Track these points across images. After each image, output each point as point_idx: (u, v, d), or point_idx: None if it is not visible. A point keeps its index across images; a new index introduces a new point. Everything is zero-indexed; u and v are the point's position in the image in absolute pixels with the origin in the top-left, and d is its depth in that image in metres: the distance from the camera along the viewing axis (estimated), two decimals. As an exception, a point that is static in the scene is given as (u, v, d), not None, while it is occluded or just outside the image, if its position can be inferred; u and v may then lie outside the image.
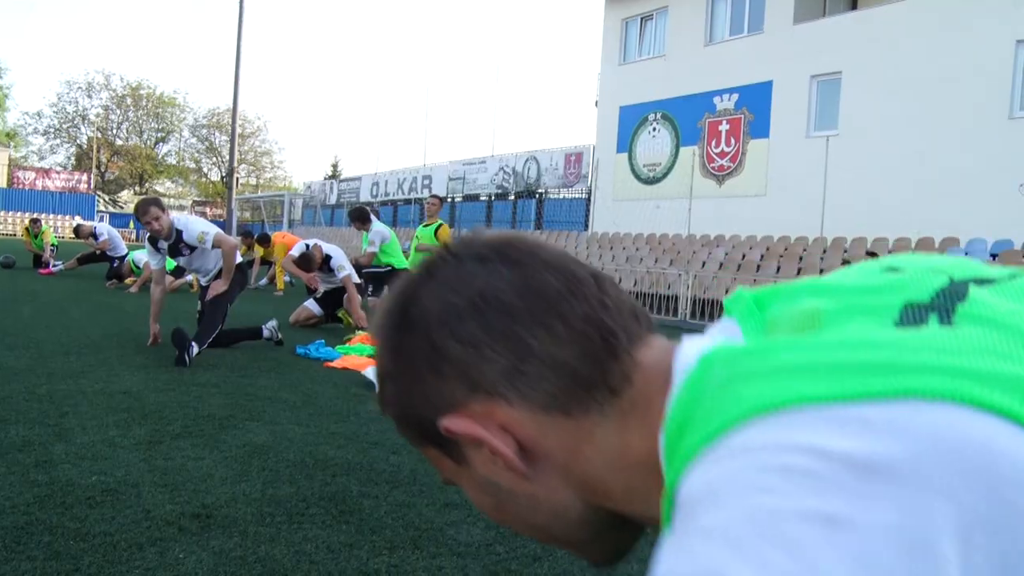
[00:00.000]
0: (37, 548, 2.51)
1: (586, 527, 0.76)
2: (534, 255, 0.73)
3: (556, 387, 0.69)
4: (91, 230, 15.54)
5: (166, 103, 58.89)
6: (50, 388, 4.86)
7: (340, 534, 2.79)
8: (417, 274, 0.75)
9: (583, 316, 0.69)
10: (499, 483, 0.73)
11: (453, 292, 0.71)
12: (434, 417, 0.71)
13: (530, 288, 0.70)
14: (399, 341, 0.73)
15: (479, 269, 0.72)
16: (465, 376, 0.70)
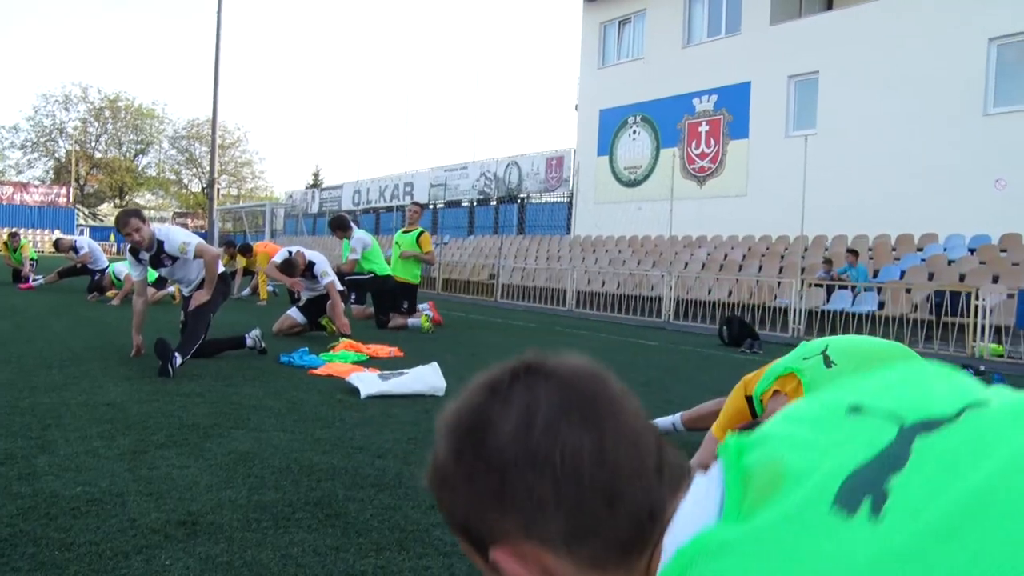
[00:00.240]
0: (21, 559, 2.50)
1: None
2: (616, 418, 0.80)
3: (603, 551, 0.78)
4: (71, 244, 15.48)
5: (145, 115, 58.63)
6: (32, 401, 4.84)
7: (326, 537, 2.80)
8: (496, 391, 0.83)
9: (643, 493, 0.78)
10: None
11: (532, 438, 0.78)
12: (484, 537, 0.81)
13: (606, 461, 0.77)
14: (472, 466, 0.80)
15: (562, 422, 0.78)
16: (525, 523, 0.78)
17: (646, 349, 10.23)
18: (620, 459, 0.78)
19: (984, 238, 14.89)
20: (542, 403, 0.80)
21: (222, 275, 6.92)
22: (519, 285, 19.97)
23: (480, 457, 0.79)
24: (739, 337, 10.90)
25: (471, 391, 0.86)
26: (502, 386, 0.83)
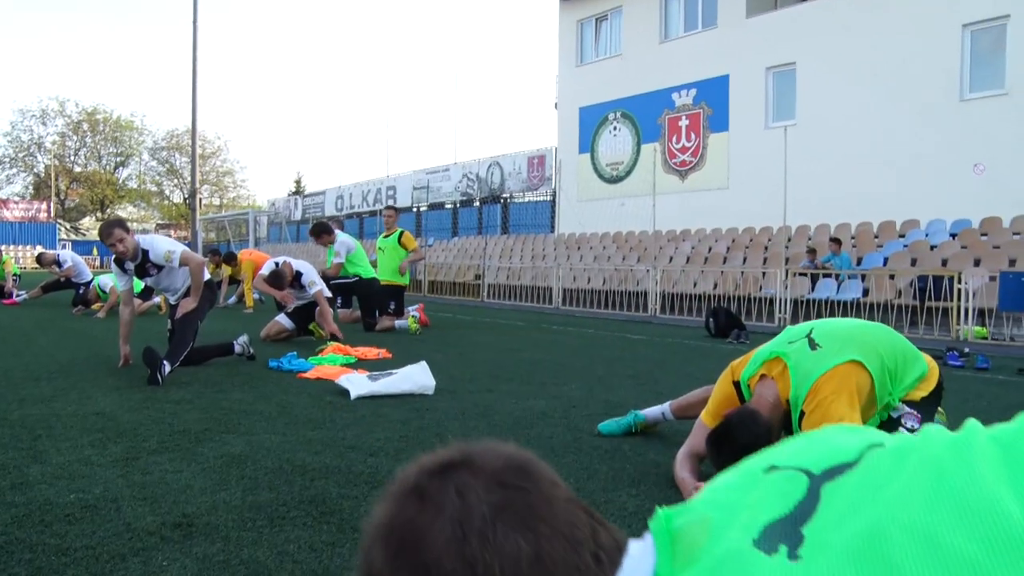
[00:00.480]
0: (19, 565, 2.51)
1: None
2: (550, 515, 0.80)
3: None
4: (54, 258, 15.40)
5: (123, 127, 58.34)
6: (22, 413, 4.84)
7: (322, 534, 2.82)
8: (424, 497, 0.81)
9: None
10: None
11: (469, 548, 0.77)
12: None
13: (544, 563, 0.77)
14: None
15: (496, 528, 0.78)
16: None
17: (633, 343, 10.27)
18: (557, 558, 0.78)
19: (965, 222, 15.01)
20: (474, 509, 0.79)
21: (208, 282, 6.92)
22: (505, 284, 20.00)
23: (417, 571, 0.78)
24: (726, 328, 10.95)
25: (399, 498, 0.84)
26: (431, 491, 0.82)
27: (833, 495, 0.78)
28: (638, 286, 16.71)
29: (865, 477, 0.79)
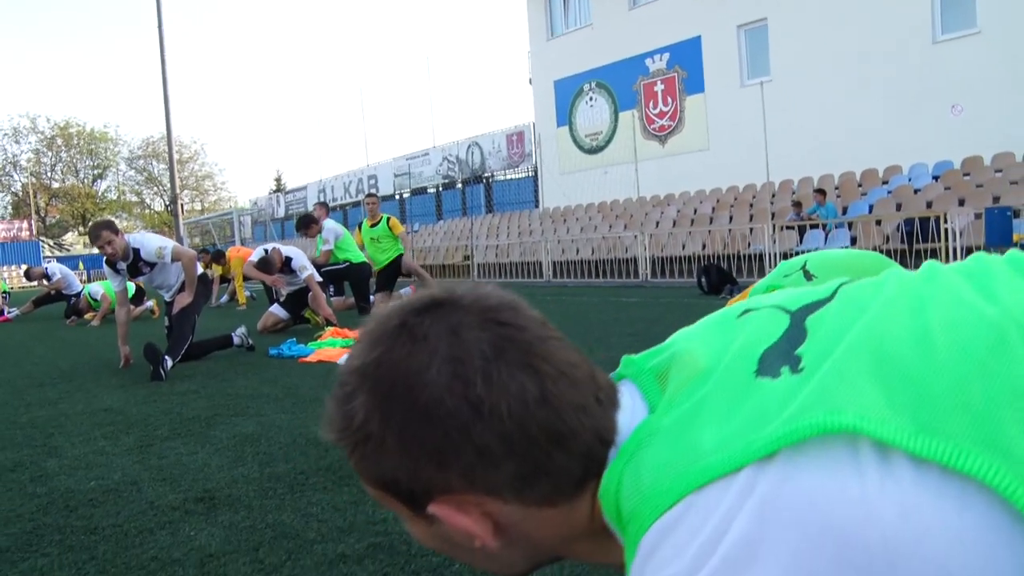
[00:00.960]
0: (50, 546, 2.55)
1: (527, 571, 0.88)
2: (549, 354, 0.76)
3: (556, 488, 0.76)
4: (43, 271, 15.34)
5: (98, 138, 57.85)
6: (31, 416, 4.86)
7: (343, 495, 2.87)
8: (414, 336, 0.75)
9: (590, 424, 0.75)
10: (460, 543, 0.81)
11: (472, 389, 0.72)
12: (417, 493, 0.76)
13: (550, 403, 0.73)
14: (404, 425, 0.73)
15: (498, 367, 0.73)
16: (468, 475, 0.74)
17: (627, 306, 10.34)
18: (563, 397, 0.74)
19: (947, 164, 15.11)
20: (472, 347, 0.74)
21: (202, 276, 6.94)
22: (494, 263, 20.04)
23: (415, 415, 0.73)
24: (718, 284, 11.04)
25: (382, 336, 0.77)
26: (421, 330, 0.76)
27: (818, 323, 0.78)
28: (627, 253, 16.77)
29: (845, 305, 0.80)
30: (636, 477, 0.72)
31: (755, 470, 0.65)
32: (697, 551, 0.64)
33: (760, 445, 0.65)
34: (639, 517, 0.70)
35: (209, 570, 2.26)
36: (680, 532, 0.66)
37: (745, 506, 0.63)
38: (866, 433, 0.63)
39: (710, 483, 0.66)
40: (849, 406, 0.65)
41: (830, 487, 0.62)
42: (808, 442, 0.64)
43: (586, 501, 0.79)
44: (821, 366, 0.71)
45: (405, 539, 2.39)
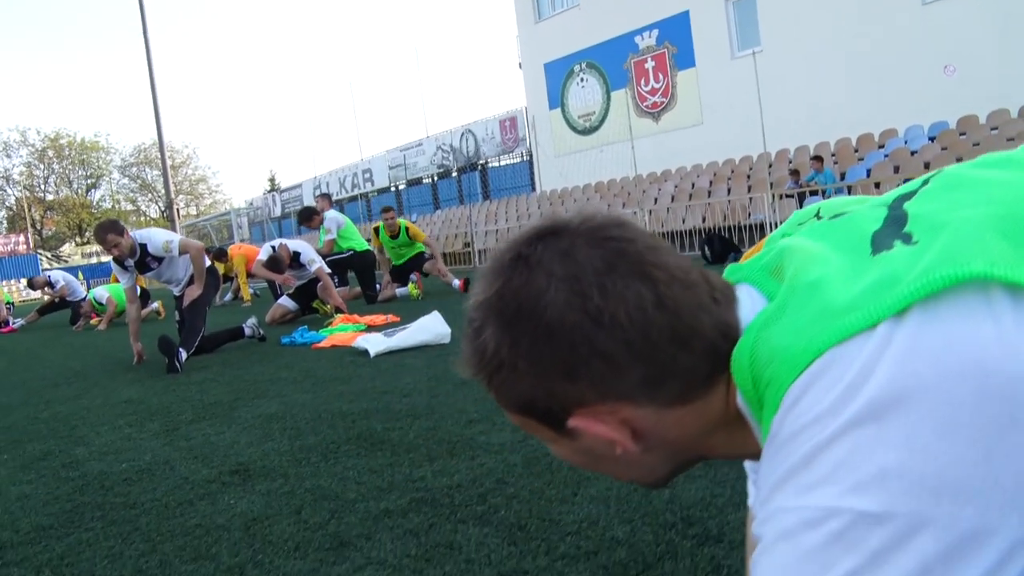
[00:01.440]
0: (92, 521, 2.57)
1: (669, 476, 0.90)
2: (660, 262, 0.78)
3: (685, 387, 0.79)
4: (46, 280, 15.33)
5: (89, 148, 57.67)
6: (52, 412, 4.88)
7: (377, 459, 2.89)
8: (530, 264, 0.78)
9: (710, 322, 0.77)
10: (604, 454, 0.84)
11: (590, 301, 0.75)
12: (555, 410, 0.80)
13: (667, 306, 0.75)
14: (533, 346, 0.77)
15: (612, 278, 0.76)
16: (599, 384, 0.77)
17: (633, 280, 10.34)
18: (679, 299, 0.76)
19: (942, 124, 15.09)
20: (584, 265, 0.77)
21: (210, 268, 6.95)
22: (495, 249, 20.01)
23: (540, 335, 0.76)
24: (722, 253, 11.07)
25: (500, 269, 0.81)
26: (535, 257, 0.79)
27: (918, 205, 0.79)
28: (627, 231, 16.74)
29: (943, 186, 0.81)
30: (770, 346, 0.73)
31: (891, 324, 0.66)
32: (840, 396, 0.65)
33: (893, 301, 0.66)
34: (778, 379, 0.71)
35: (255, 532, 2.28)
36: (823, 382, 0.67)
37: (885, 354, 0.64)
38: (997, 278, 0.65)
39: (848, 339, 0.67)
40: (977, 258, 0.66)
41: (966, 330, 0.64)
42: (940, 295, 0.65)
43: (718, 394, 0.80)
44: (937, 235, 0.72)
45: (447, 492, 2.41)
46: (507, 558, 1.88)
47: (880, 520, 0.61)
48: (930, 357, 0.63)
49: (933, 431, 0.61)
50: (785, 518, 0.66)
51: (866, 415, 0.63)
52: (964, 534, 0.60)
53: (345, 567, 1.94)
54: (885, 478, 0.61)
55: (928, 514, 0.60)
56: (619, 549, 1.85)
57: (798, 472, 0.66)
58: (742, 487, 2.14)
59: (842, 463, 0.63)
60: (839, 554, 0.62)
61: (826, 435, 0.65)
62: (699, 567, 1.72)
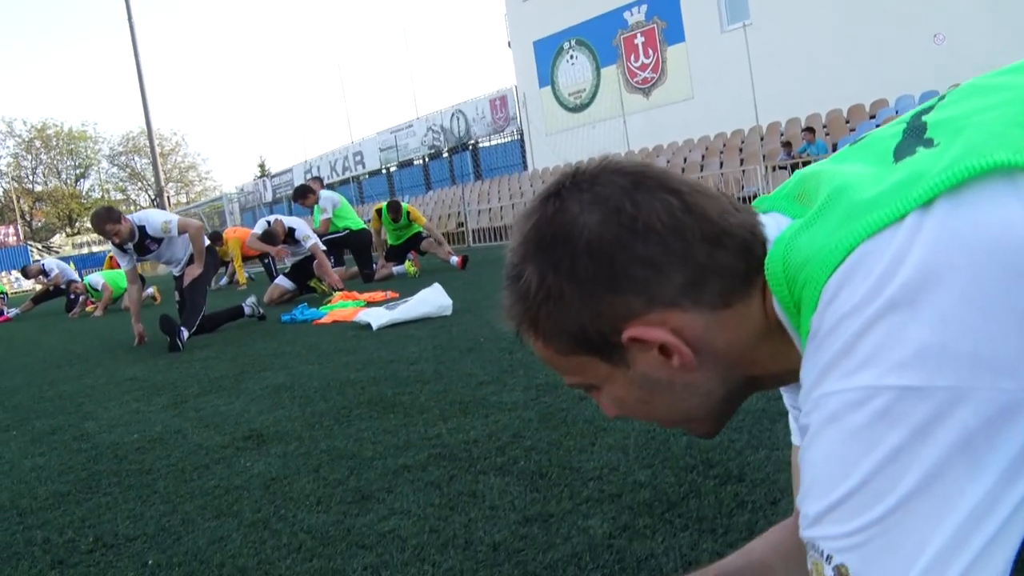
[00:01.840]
0: (110, 487, 2.58)
1: (723, 404, 0.90)
2: (681, 181, 0.82)
3: (726, 287, 0.81)
4: (40, 268, 15.28)
5: (77, 137, 57.30)
6: (56, 391, 4.87)
7: (391, 420, 2.90)
8: (560, 196, 0.83)
9: (737, 222, 0.81)
10: (660, 378, 0.85)
11: (623, 215, 0.79)
12: (606, 330, 0.81)
13: (695, 212, 0.80)
14: (575, 267, 0.80)
15: (640, 194, 0.80)
16: (644, 292, 0.79)
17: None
18: (704, 206, 0.80)
19: (932, 93, 15.07)
20: (612, 187, 0.81)
21: (209, 247, 6.94)
22: (488, 227, 20.03)
23: (581, 253, 0.79)
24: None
25: (531, 210, 0.85)
26: (567, 191, 0.83)
27: (938, 114, 0.80)
28: (621, 206, 16.73)
29: (962, 95, 0.82)
30: (802, 250, 0.75)
31: (919, 214, 0.67)
32: (874, 284, 0.66)
33: (919, 194, 0.68)
34: (813, 279, 0.72)
35: (275, 490, 2.29)
36: (857, 275, 0.68)
37: (916, 241, 0.66)
38: (1020, 165, 0.66)
39: (878, 232, 0.69)
40: (1001, 148, 0.68)
41: (993, 212, 0.65)
42: (965, 184, 0.67)
43: (756, 300, 0.82)
44: (959, 135, 0.73)
45: (465, 447, 2.42)
46: (531, 503, 1.89)
47: (922, 394, 0.63)
48: (959, 240, 0.65)
49: (967, 308, 0.63)
50: (829, 402, 0.68)
51: (901, 299, 0.65)
52: (1003, 405, 0.61)
53: (370, 517, 1.95)
54: (924, 355, 0.63)
55: (968, 387, 0.62)
56: (642, 491, 1.86)
57: (840, 360, 0.67)
58: (759, 432, 2.16)
59: (881, 345, 0.65)
60: (884, 430, 0.64)
61: (863, 321, 0.66)
62: (723, 503, 1.73)
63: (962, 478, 0.62)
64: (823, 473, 0.68)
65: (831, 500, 0.67)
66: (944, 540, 0.62)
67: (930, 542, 0.62)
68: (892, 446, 0.63)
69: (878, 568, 0.64)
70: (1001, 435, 0.62)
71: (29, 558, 2.03)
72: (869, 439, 0.64)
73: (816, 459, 0.69)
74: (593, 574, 1.49)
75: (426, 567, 1.62)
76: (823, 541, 0.67)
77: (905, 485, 0.63)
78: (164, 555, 1.91)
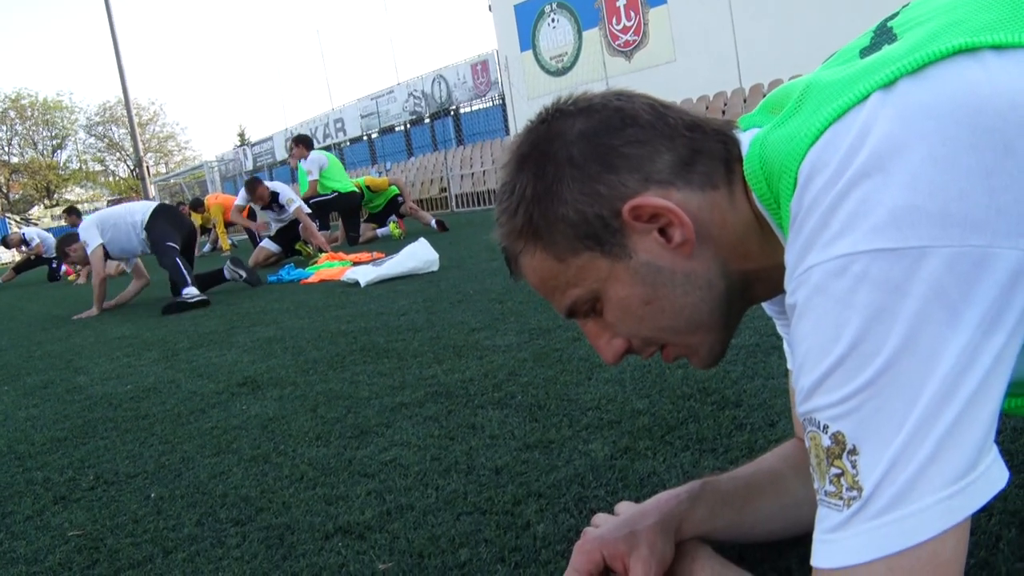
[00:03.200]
0: (106, 431, 2.58)
1: (723, 305, 0.91)
2: (660, 99, 0.92)
3: (711, 169, 0.86)
4: (20, 238, 15.16)
5: (52, 108, 56.46)
6: (45, 350, 4.86)
7: (385, 364, 2.91)
8: (544, 118, 0.91)
9: (716, 120, 0.90)
10: (661, 266, 0.87)
11: (608, 108, 0.87)
12: (607, 212, 0.85)
13: (671, 107, 0.89)
14: (569, 156, 0.86)
15: (620, 98, 0.89)
16: (639, 170, 0.85)
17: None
18: (681, 109, 0.89)
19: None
20: (596, 98, 0.90)
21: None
22: (471, 192, 19.98)
23: (574, 142, 0.86)
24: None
25: (520, 137, 0.93)
26: (547, 114, 0.91)
27: (902, 17, 0.82)
28: (605, 169, 16.71)
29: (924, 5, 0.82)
30: (775, 144, 0.78)
31: (882, 93, 0.70)
32: (843, 158, 0.69)
33: (882, 77, 0.70)
34: (788, 168, 0.75)
35: (273, 429, 2.30)
36: (827, 152, 0.71)
37: (880, 114, 0.68)
38: (983, 45, 0.68)
39: (844, 114, 0.71)
40: (962, 35, 0.70)
41: (956, 80, 0.68)
42: (927, 66, 0.69)
43: (740, 191, 0.87)
44: (923, 27, 0.75)
45: (461, 386, 2.44)
46: (531, 432, 1.91)
47: (898, 255, 0.64)
48: (923, 107, 0.67)
49: (935, 168, 0.65)
50: (812, 275, 0.70)
51: (871, 166, 0.67)
52: (974, 260, 0.63)
53: (370, 449, 1.97)
54: (897, 217, 0.65)
55: (938, 243, 0.64)
56: (641, 417, 1.88)
57: (818, 234, 0.69)
58: (754, 363, 2.19)
59: (855, 213, 0.67)
60: (866, 293, 0.66)
61: (836, 193, 0.68)
62: (722, 426, 1.75)
63: (943, 331, 0.64)
64: (813, 345, 0.70)
65: (822, 370, 0.68)
66: (931, 395, 0.64)
67: (919, 399, 0.64)
68: (874, 307, 0.65)
69: (872, 430, 0.66)
70: (975, 288, 0.63)
71: (31, 495, 2.03)
72: (851, 303, 0.66)
73: (805, 333, 0.71)
74: (597, 491, 1.51)
75: (429, 491, 1.64)
76: (818, 412, 0.69)
77: (890, 344, 0.65)
78: (166, 489, 1.92)
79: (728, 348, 0.97)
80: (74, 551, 1.63)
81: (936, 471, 0.64)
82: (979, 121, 0.65)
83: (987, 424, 0.65)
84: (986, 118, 0.65)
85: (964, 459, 0.64)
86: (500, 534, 1.38)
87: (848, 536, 0.67)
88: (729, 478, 1.14)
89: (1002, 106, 0.65)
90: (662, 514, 1.06)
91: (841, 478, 0.67)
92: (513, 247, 0.93)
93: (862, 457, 0.66)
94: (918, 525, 0.64)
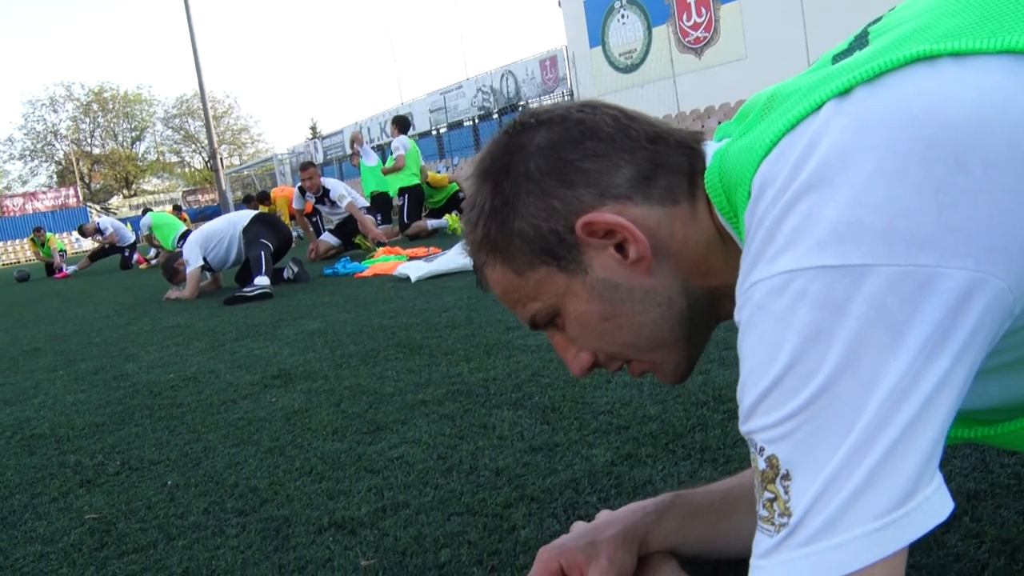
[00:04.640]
0: (141, 419, 2.66)
1: (685, 323, 0.89)
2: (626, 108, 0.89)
3: (673, 184, 0.84)
4: (95, 226, 15.67)
5: (132, 100, 58.22)
6: (103, 337, 5.02)
7: (414, 361, 2.93)
8: (507, 132, 0.89)
9: (680, 131, 0.88)
10: (618, 282, 0.85)
11: (569, 120, 0.85)
12: (562, 227, 0.84)
13: (635, 118, 0.86)
14: (527, 169, 0.84)
15: (585, 110, 0.87)
16: (595, 185, 0.83)
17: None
18: (647, 119, 0.87)
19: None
20: (558, 110, 0.87)
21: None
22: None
23: (532, 155, 0.84)
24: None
25: (482, 152, 0.91)
26: (510, 127, 0.89)
27: (882, 22, 0.79)
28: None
29: (903, 6, 0.81)
30: (733, 156, 0.76)
31: (835, 102, 0.67)
32: (791, 170, 0.66)
33: (837, 86, 0.67)
34: (743, 179, 0.73)
35: (295, 422, 2.34)
36: (778, 164, 0.68)
37: (830, 125, 0.66)
38: (942, 53, 0.66)
39: (798, 124, 0.69)
40: (922, 42, 0.67)
41: (910, 91, 0.65)
42: (884, 74, 0.66)
43: (703, 205, 0.85)
44: (890, 33, 0.73)
45: (483, 384, 2.45)
46: (539, 434, 1.91)
47: (839, 272, 0.62)
48: (875, 118, 0.64)
49: (883, 182, 0.62)
50: (755, 292, 0.67)
51: (817, 179, 0.64)
52: (919, 279, 0.60)
53: (381, 446, 1.99)
54: (840, 233, 0.62)
55: (882, 261, 0.61)
56: (650, 423, 1.87)
57: (764, 249, 0.67)
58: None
59: (800, 227, 0.64)
60: (804, 311, 0.63)
61: (782, 206, 0.66)
62: (728, 436, 1.74)
63: (883, 354, 0.61)
64: (754, 364, 0.67)
65: (760, 390, 0.66)
66: (867, 421, 0.61)
67: (855, 424, 0.61)
68: (812, 327, 0.62)
69: (805, 455, 0.63)
70: (919, 310, 0.60)
71: (61, 478, 2.11)
72: (790, 322, 0.63)
73: (747, 351, 0.68)
74: (589, 497, 1.51)
75: (428, 489, 1.66)
76: (756, 434, 0.67)
77: (828, 366, 0.62)
78: (183, 477, 1.97)
79: (696, 365, 0.96)
80: (87, 533, 1.69)
81: (868, 500, 0.61)
82: (931, 133, 0.62)
83: (927, 453, 0.62)
84: (939, 130, 0.62)
85: (899, 489, 0.61)
86: (484, 536, 1.39)
87: (775, 564, 0.65)
88: (704, 492, 1.13)
89: (956, 118, 0.62)
90: (625, 525, 1.06)
91: (774, 503, 0.65)
92: (477, 259, 0.92)
93: (794, 483, 0.64)
94: (845, 557, 0.62)
